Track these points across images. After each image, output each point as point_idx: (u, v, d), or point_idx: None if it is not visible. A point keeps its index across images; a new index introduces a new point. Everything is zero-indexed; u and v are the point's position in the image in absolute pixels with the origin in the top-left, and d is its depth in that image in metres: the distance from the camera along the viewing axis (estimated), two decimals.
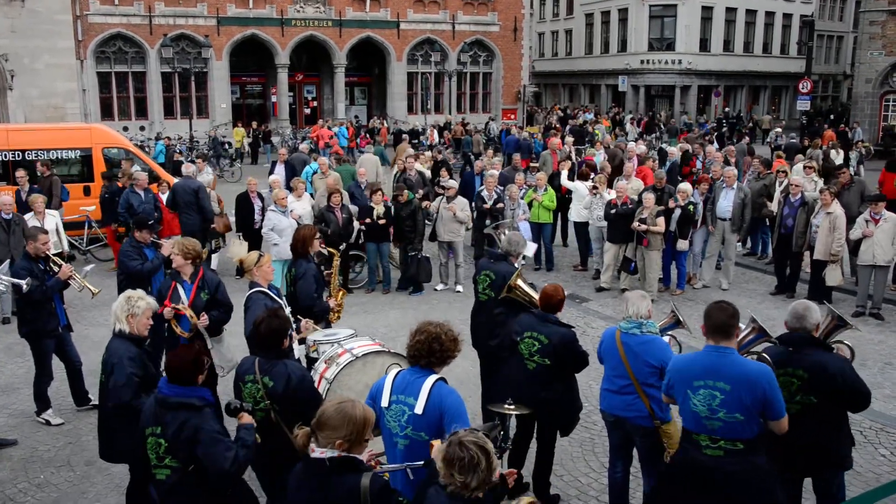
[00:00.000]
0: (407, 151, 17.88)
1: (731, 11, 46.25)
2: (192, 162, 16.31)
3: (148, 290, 7.31)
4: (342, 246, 11.97)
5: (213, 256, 13.52)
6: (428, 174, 15.81)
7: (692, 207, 11.95)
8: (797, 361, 5.01)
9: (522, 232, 12.70)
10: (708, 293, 12.42)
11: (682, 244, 12.03)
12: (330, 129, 32.06)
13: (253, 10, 36.22)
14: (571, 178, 14.46)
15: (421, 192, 14.04)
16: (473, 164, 17.10)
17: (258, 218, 12.79)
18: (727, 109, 45.83)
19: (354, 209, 12.56)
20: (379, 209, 12.23)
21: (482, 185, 13.49)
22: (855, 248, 11.26)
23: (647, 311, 5.56)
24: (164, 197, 13.58)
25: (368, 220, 12.26)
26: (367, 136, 34.16)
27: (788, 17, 48.67)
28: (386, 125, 36.35)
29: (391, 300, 12.27)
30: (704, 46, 45.69)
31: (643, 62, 45.39)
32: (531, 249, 11.49)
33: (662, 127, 37.70)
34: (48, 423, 7.74)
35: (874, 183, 16.23)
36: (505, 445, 5.21)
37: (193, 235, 12.94)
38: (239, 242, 7.54)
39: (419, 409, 4.23)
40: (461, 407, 4.29)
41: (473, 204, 13.28)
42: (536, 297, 6.29)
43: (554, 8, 54.55)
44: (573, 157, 18.03)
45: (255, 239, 12.46)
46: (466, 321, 7.59)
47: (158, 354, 7.28)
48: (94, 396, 7.98)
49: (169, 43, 30.87)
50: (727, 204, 12.36)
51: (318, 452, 3.55)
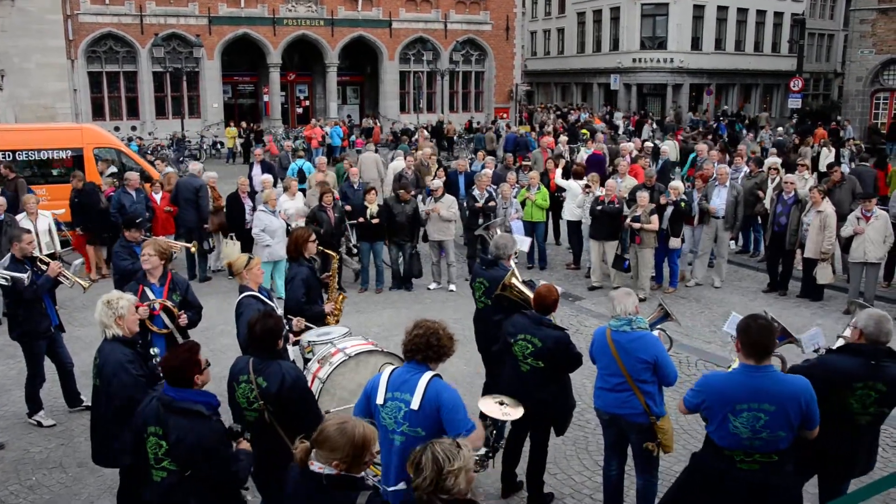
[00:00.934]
0: (423, 150, 17.98)
1: (722, 10, 46.33)
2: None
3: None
4: (341, 248, 11.97)
5: (209, 256, 13.53)
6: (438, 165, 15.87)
7: (684, 203, 11.97)
8: (878, 374, 4.96)
9: (515, 231, 12.74)
10: (700, 291, 12.46)
11: (674, 242, 12.05)
12: (322, 128, 32.01)
13: (244, 9, 36.09)
14: (566, 176, 14.48)
15: (413, 191, 14.04)
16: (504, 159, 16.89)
17: (249, 218, 12.77)
18: (725, 107, 45.97)
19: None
20: (372, 208, 12.22)
21: (473, 184, 13.50)
22: (846, 245, 11.30)
23: (633, 307, 5.56)
24: (156, 196, 13.57)
25: (362, 219, 12.25)
26: (361, 135, 34.14)
27: (779, 15, 48.78)
28: (379, 124, 36.31)
29: (384, 299, 12.25)
30: (696, 45, 45.77)
31: (635, 61, 45.43)
32: (525, 245, 11.49)
33: (655, 125, 37.74)
34: (40, 424, 7.70)
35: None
36: (498, 445, 5.22)
37: (190, 232, 13.11)
38: (231, 243, 7.51)
39: (415, 404, 4.23)
40: (459, 402, 4.29)
41: (465, 203, 13.28)
42: (531, 295, 6.28)
43: (546, 7, 54.54)
44: (566, 155, 18.06)
45: (246, 239, 12.45)
46: (460, 320, 7.61)
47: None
48: (86, 398, 7.95)
49: (160, 42, 30.76)
50: (720, 202, 12.39)
51: (316, 467, 3.51)
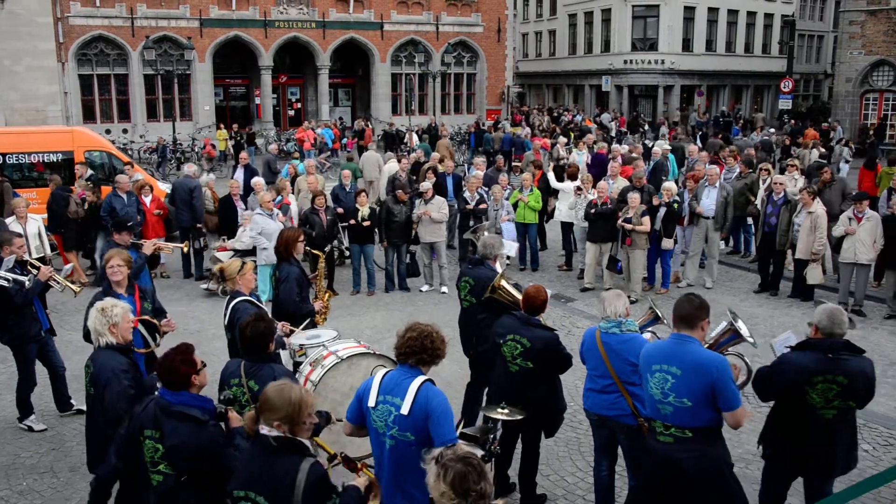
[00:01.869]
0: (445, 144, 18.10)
1: (713, 11, 46.46)
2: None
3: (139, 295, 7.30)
4: (327, 248, 11.97)
5: (203, 254, 13.55)
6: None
7: (676, 205, 12.00)
8: (837, 368, 5.02)
9: (507, 233, 12.77)
10: (692, 292, 12.47)
11: (667, 243, 12.08)
12: (314, 130, 31.96)
13: (236, 11, 36.02)
14: (560, 178, 14.52)
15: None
16: (495, 161, 16.85)
17: (240, 220, 12.77)
18: (723, 108, 46.15)
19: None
20: (364, 211, 12.23)
21: (464, 186, 13.53)
22: (837, 245, 11.35)
23: (624, 309, 5.59)
24: (146, 199, 13.54)
25: (353, 221, 12.26)
26: (353, 137, 34.09)
27: (770, 16, 48.95)
28: (371, 126, 36.29)
29: (376, 302, 12.25)
30: (687, 46, 45.88)
31: (626, 62, 45.51)
32: (512, 249, 11.51)
33: (646, 126, 37.86)
34: (31, 429, 7.67)
35: (855, 180, 16.39)
36: (495, 450, 5.20)
37: (184, 232, 13.30)
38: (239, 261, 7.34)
39: (405, 409, 4.22)
40: (447, 410, 4.28)
41: (456, 205, 13.30)
42: (520, 296, 6.30)
43: (537, 8, 54.60)
44: (563, 154, 18.19)
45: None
46: (451, 322, 7.60)
47: None
48: (77, 402, 7.94)
49: (151, 45, 30.65)
50: (710, 202, 12.43)
51: (265, 430, 3.71)
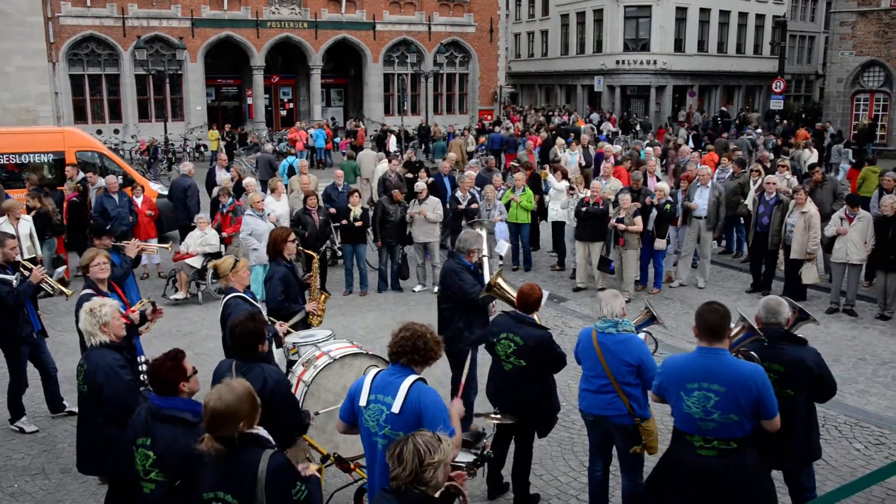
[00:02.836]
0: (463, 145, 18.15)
1: (704, 12, 46.61)
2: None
3: (122, 290, 7.30)
4: (322, 248, 11.96)
5: None
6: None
7: (669, 206, 12.03)
8: (773, 356, 5.07)
9: (499, 233, 12.77)
10: (684, 292, 12.52)
11: (659, 243, 12.10)
12: (306, 130, 31.92)
13: (228, 11, 35.92)
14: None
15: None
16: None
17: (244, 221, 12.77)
18: (723, 108, 46.34)
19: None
20: (356, 211, 12.22)
21: (454, 187, 13.54)
22: (829, 245, 11.39)
23: (621, 309, 5.59)
24: (138, 200, 13.52)
25: (345, 221, 12.25)
26: (346, 137, 34.07)
27: (761, 17, 49.13)
28: (363, 127, 36.27)
29: (369, 302, 12.24)
30: (679, 47, 46.02)
31: (619, 63, 45.62)
32: (504, 249, 11.54)
33: (638, 126, 37.94)
34: (22, 431, 7.64)
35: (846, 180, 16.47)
36: (488, 453, 5.19)
37: (182, 231, 13.54)
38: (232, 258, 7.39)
39: (396, 408, 4.21)
40: (441, 406, 4.27)
41: (448, 205, 13.31)
42: (515, 295, 6.32)
43: (529, 9, 54.70)
44: (560, 155, 18.27)
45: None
46: None
47: None
48: (69, 403, 7.91)
49: (143, 45, 30.54)
50: (702, 202, 12.46)
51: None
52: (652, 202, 11.98)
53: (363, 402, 4.36)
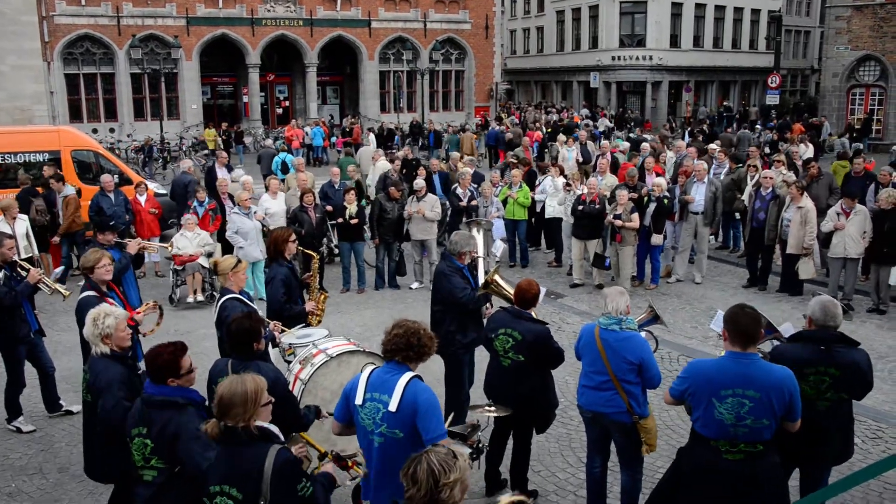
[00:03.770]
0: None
1: (700, 7, 46.67)
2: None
3: (120, 289, 7.28)
4: (322, 248, 11.94)
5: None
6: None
7: (666, 201, 12.03)
8: (829, 359, 5.01)
9: (496, 230, 12.77)
10: (681, 287, 12.53)
11: (656, 239, 12.11)
12: (302, 128, 31.86)
13: (223, 9, 35.84)
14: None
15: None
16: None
17: (230, 219, 12.74)
18: (726, 103, 46.37)
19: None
20: (351, 209, 12.21)
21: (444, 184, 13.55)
22: (826, 240, 11.40)
23: (626, 307, 5.58)
24: (140, 199, 13.50)
25: (341, 219, 12.24)
26: (342, 135, 33.99)
27: (756, 12, 49.19)
28: (359, 124, 36.22)
29: (366, 299, 12.24)
30: (675, 42, 46.06)
31: (614, 58, 45.64)
32: (499, 249, 11.53)
33: (632, 122, 37.93)
34: (19, 430, 7.62)
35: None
36: (483, 446, 5.21)
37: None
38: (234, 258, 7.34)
39: (393, 406, 4.21)
40: (435, 405, 4.28)
41: (447, 202, 13.31)
42: (513, 292, 6.32)
43: (525, 5, 54.68)
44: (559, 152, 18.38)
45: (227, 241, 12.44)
46: None
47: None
48: (66, 402, 7.91)
49: (138, 44, 30.45)
50: (699, 198, 12.47)
51: (231, 424, 3.73)
52: (649, 193, 11.99)
53: (359, 400, 4.35)
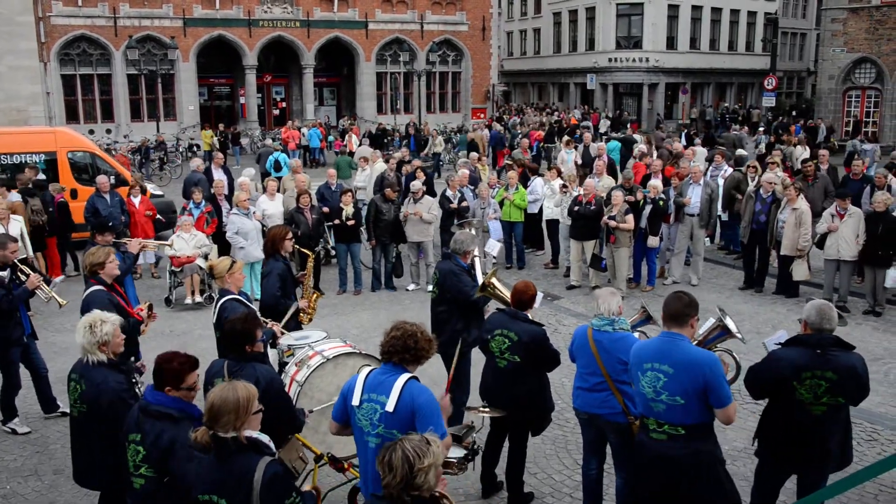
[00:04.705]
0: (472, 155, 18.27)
1: (696, 9, 46.74)
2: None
3: (122, 289, 7.28)
4: (318, 247, 11.94)
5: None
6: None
7: (662, 202, 12.05)
8: (825, 363, 5.04)
9: (493, 231, 12.77)
10: (677, 289, 12.52)
11: (652, 241, 12.12)
12: (299, 130, 31.85)
13: (220, 10, 35.83)
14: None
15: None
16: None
17: (226, 220, 12.74)
18: (726, 105, 46.43)
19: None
20: (348, 210, 12.21)
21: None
22: (820, 242, 11.42)
23: (618, 307, 5.59)
24: (135, 200, 13.47)
25: (338, 220, 12.24)
26: (339, 137, 33.98)
27: (753, 14, 49.30)
28: (356, 126, 36.23)
29: (362, 301, 12.23)
30: (671, 44, 46.13)
31: (611, 60, 45.69)
32: (495, 249, 11.54)
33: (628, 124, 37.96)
34: (14, 432, 7.61)
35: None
36: (478, 448, 5.21)
37: None
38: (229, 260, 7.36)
39: (390, 407, 4.22)
40: (434, 405, 4.28)
41: (439, 204, 13.31)
42: (509, 294, 6.33)
43: (522, 7, 54.74)
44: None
45: (225, 241, 12.42)
46: None
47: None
48: (62, 403, 7.88)
49: (134, 44, 30.45)
50: (695, 199, 12.48)
51: (220, 433, 3.69)
52: (645, 196, 12.01)
53: (356, 401, 4.36)
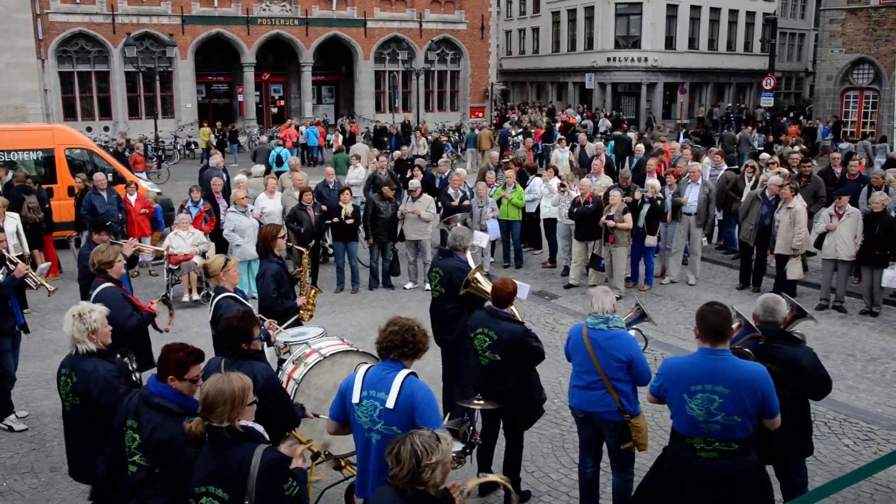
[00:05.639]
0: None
1: (695, 9, 46.75)
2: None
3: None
4: (311, 244, 11.91)
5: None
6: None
7: (660, 202, 12.05)
8: (769, 355, 5.05)
9: (491, 230, 12.79)
10: (675, 288, 12.55)
11: (650, 240, 12.12)
12: (297, 128, 31.81)
13: (218, 8, 35.77)
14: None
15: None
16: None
17: (223, 218, 12.74)
18: (730, 104, 46.44)
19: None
20: (347, 208, 12.20)
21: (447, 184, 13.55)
22: (818, 242, 11.42)
23: (611, 305, 5.59)
24: (131, 198, 13.47)
25: (336, 219, 12.23)
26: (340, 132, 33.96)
27: (752, 15, 49.33)
28: (354, 124, 36.19)
29: (360, 299, 12.23)
30: (670, 44, 46.13)
31: (609, 60, 45.69)
32: (483, 241, 11.51)
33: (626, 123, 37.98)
34: (10, 429, 7.59)
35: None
36: (475, 441, 5.22)
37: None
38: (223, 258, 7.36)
39: (391, 403, 4.23)
40: (433, 401, 4.30)
41: (439, 202, 13.32)
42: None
43: (521, 6, 54.72)
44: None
45: (222, 240, 12.42)
46: None
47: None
48: (21, 413, 7.81)
49: (132, 42, 30.37)
50: (692, 199, 12.49)
51: (216, 423, 3.73)
52: (643, 195, 12.01)
53: (355, 398, 4.36)
